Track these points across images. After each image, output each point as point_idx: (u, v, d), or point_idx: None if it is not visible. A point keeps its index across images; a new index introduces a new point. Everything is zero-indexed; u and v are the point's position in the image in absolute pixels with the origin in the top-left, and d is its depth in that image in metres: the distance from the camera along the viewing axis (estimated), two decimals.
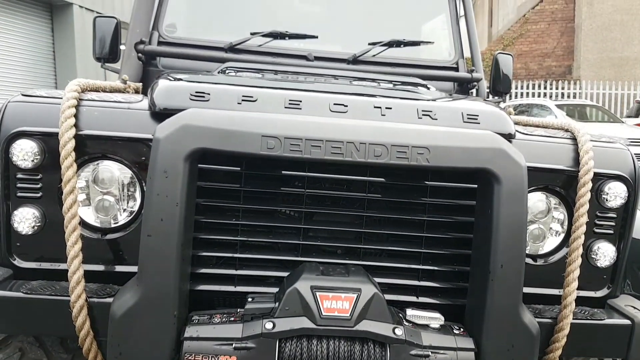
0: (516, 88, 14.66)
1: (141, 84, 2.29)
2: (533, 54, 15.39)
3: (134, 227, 1.39)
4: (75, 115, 1.32)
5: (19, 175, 1.33)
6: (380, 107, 1.43)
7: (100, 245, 1.38)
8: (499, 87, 2.80)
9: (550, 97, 14.30)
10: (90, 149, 1.35)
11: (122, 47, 2.49)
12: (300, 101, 1.40)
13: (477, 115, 1.46)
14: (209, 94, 1.38)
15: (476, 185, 1.37)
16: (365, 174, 1.37)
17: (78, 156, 1.32)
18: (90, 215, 1.39)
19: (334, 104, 1.42)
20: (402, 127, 1.31)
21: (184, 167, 1.19)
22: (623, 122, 11.52)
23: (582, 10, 14.36)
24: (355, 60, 2.52)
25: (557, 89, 14.45)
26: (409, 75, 2.51)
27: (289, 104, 1.39)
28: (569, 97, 14.25)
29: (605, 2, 14.08)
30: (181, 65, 2.41)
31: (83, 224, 1.36)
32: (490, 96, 2.93)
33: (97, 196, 1.38)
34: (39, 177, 1.34)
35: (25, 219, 1.33)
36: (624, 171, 1.50)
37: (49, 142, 1.33)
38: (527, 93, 14.61)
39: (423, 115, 1.44)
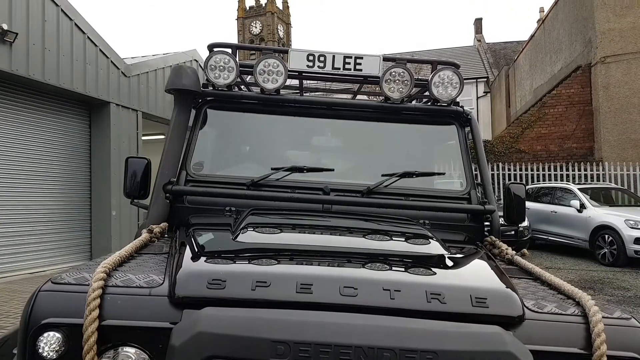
0: (537, 170, 14.67)
1: (167, 224, 2.43)
2: (552, 137, 15.50)
3: None
4: (100, 305, 1.41)
5: None
6: (389, 290, 1.49)
7: None
8: (513, 216, 2.86)
9: (573, 178, 14.22)
10: (112, 336, 1.42)
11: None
12: (312, 285, 1.47)
13: (486, 299, 1.49)
14: (224, 280, 1.46)
15: None
16: None
17: (100, 344, 1.39)
18: None
19: (344, 286, 1.48)
20: (411, 327, 1.34)
21: None
22: None
23: (598, 94, 14.62)
24: (369, 192, 2.63)
25: (579, 170, 14.38)
26: (422, 207, 2.59)
27: (301, 288, 1.46)
28: (592, 178, 14.14)
29: (621, 86, 14.33)
30: (207, 201, 2.56)
31: None
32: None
33: None
34: None
35: None
36: (639, 352, 1.48)
37: (73, 331, 1.40)
38: (549, 175, 14.56)
39: (432, 298, 1.48)
